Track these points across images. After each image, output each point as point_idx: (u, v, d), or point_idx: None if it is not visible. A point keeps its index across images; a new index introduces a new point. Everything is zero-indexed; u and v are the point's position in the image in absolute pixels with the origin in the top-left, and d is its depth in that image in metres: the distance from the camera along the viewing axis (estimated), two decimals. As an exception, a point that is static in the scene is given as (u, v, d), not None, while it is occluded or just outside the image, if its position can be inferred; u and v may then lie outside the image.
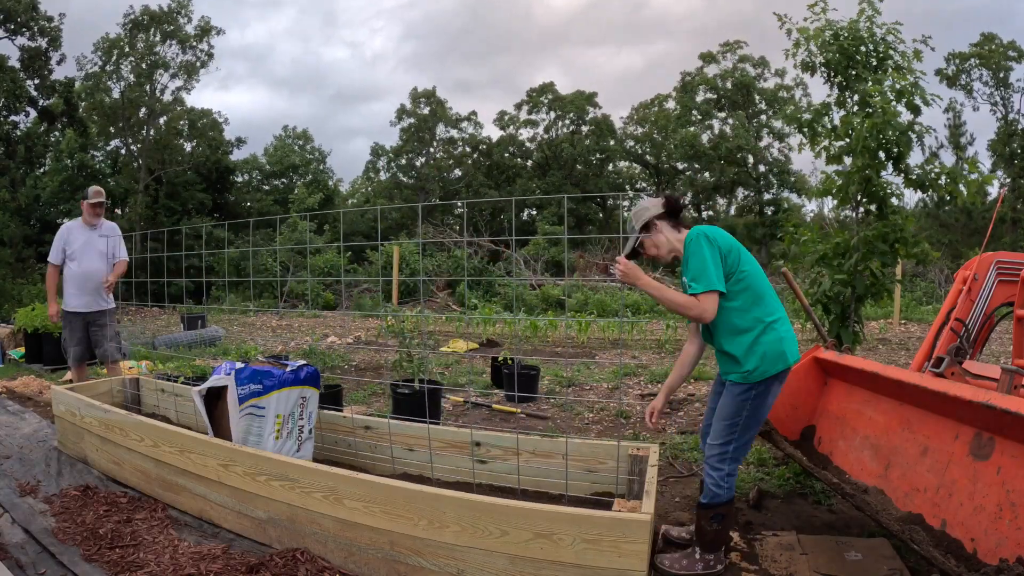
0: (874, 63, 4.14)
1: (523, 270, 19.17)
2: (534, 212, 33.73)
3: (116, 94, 26.34)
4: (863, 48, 4.13)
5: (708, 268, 2.58)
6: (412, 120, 37.49)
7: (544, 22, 64.41)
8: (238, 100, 64.12)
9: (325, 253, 20.51)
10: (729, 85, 35.11)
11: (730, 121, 34.56)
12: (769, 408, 2.73)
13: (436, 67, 63.54)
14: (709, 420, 2.91)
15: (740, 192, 36.88)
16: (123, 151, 27.94)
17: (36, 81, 21.37)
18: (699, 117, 34.76)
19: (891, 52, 4.12)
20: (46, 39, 21.37)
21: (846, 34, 4.14)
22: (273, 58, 64.85)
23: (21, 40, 21.09)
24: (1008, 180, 27.30)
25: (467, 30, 63.79)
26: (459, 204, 33.00)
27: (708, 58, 35.84)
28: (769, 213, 33.76)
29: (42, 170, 24.98)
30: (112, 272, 5.30)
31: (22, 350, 8.29)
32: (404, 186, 37.34)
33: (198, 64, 27.65)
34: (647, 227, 2.80)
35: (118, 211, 28.20)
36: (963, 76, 29.41)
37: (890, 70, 4.01)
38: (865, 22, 4.15)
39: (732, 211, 37.25)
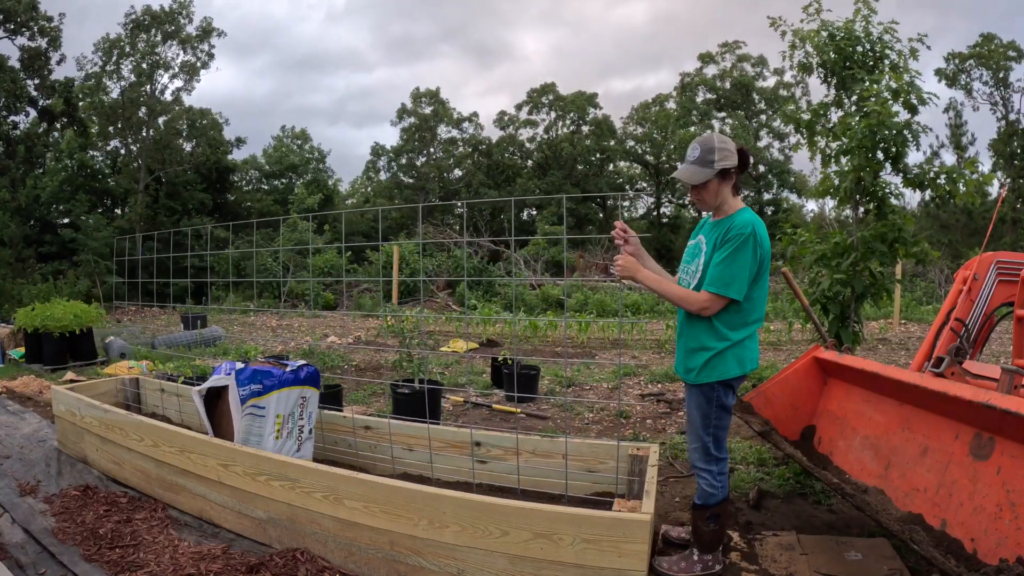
0: (871, 63, 4.14)
1: (523, 270, 19.17)
2: (534, 212, 33.72)
3: (116, 94, 26.34)
4: (859, 48, 4.13)
5: (741, 276, 2.54)
6: (413, 120, 37.50)
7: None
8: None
9: (325, 253, 20.52)
10: (728, 85, 35.14)
11: (729, 121, 34.59)
12: (733, 400, 2.74)
13: (372, 19, 55.69)
14: None
15: (740, 192, 36.83)
16: (123, 151, 27.92)
17: (36, 81, 21.34)
18: (699, 117, 34.78)
19: (887, 52, 4.11)
20: (46, 39, 21.34)
21: (842, 34, 4.13)
22: (204, 12, 57.32)
23: (21, 40, 21.08)
24: (1008, 180, 27.28)
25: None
26: (459, 204, 33.00)
27: (707, 58, 35.90)
28: (769, 213, 33.76)
29: (42, 170, 24.97)
30: None
31: (22, 350, 8.29)
32: (404, 186, 37.35)
33: (199, 64, 27.65)
34: (723, 174, 2.68)
35: (118, 211, 28.22)
36: (963, 76, 29.41)
37: (887, 70, 4.01)
38: (861, 21, 4.15)
39: (732, 211, 37.19)
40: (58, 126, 23.27)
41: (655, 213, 36.87)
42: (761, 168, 34.98)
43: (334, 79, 66.16)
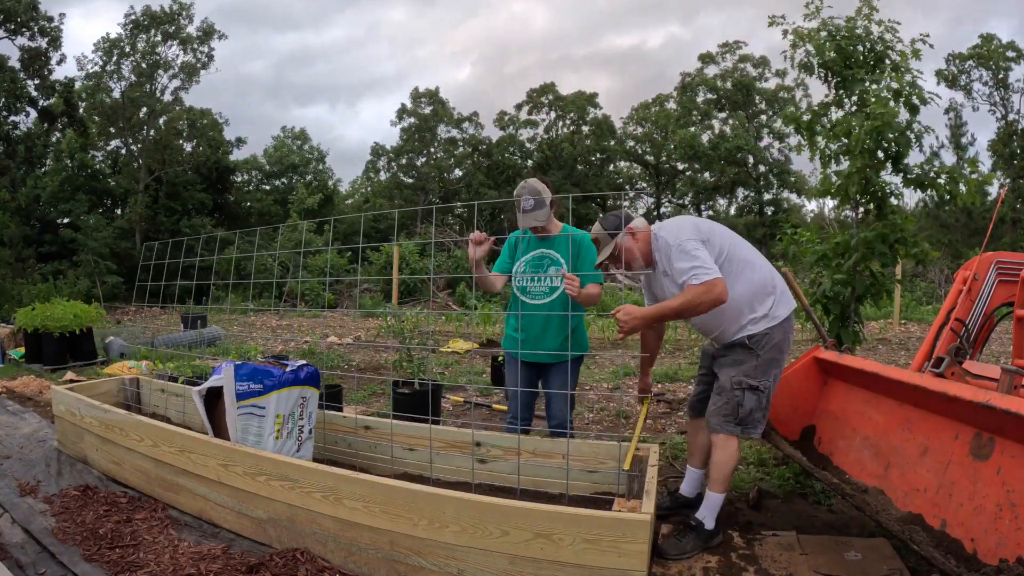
0: (872, 63, 4.12)
1: (523, 270, 19.12)
2: (534, 212, 33.63)
3: (116, 94, 26.35)
4: (860, 48, 4.11)
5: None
6: (413, 120, 37.51)
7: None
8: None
9: (325, 253, 20.52)
10: (729, 85, 35.14)
11: (730, 121, 34.58)
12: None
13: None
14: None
15: (740, 192, 36.93)
16: (123, 151, 27.94)
17: (36, 81, 21.35)
18: (699, 117, 34.77)
19: (889, 51, 4.10)
20: (46, 39, 21.36)
21: (844, 32, 4.12)
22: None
23: (21, 40, 21.09)
24: (1008, 180, 27.28)
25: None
26: (460, 205, 33.01)
27: (708, 59, 35.90)
28: (769, 213, 33.79)
29: (42, 170, 24.97)
30: None
31: (22, 350, 8.29)
32: (404, 186, 37.35)
33: (198, 65, 27.67)
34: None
35: (118, 211, 28.21)
36: (963, 77, 29.42)
37: (887, 70, 4.00)
38: (862, 20, 4.13)
39: (732, 211, 37.31)
40: (58, 126, 23.28)
41: (655, 213, 36.87)
42: (761, 168, 34.98)
43: (287, 36, 59.31)
